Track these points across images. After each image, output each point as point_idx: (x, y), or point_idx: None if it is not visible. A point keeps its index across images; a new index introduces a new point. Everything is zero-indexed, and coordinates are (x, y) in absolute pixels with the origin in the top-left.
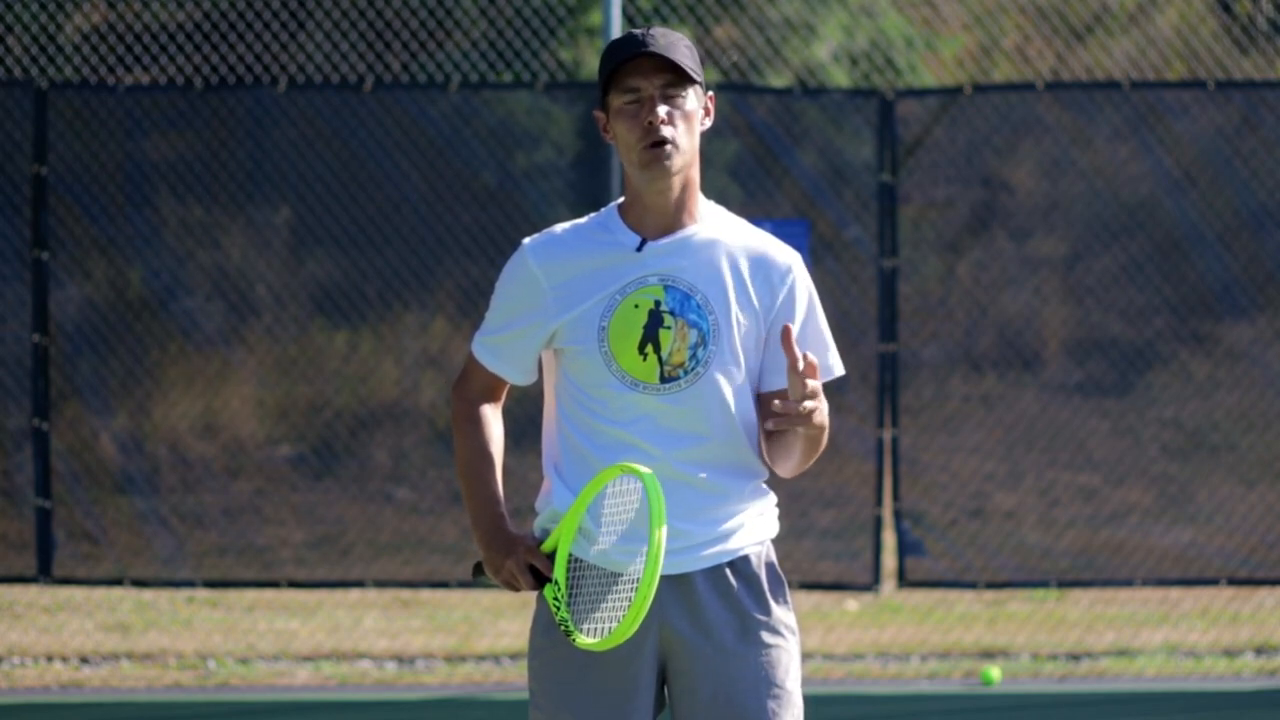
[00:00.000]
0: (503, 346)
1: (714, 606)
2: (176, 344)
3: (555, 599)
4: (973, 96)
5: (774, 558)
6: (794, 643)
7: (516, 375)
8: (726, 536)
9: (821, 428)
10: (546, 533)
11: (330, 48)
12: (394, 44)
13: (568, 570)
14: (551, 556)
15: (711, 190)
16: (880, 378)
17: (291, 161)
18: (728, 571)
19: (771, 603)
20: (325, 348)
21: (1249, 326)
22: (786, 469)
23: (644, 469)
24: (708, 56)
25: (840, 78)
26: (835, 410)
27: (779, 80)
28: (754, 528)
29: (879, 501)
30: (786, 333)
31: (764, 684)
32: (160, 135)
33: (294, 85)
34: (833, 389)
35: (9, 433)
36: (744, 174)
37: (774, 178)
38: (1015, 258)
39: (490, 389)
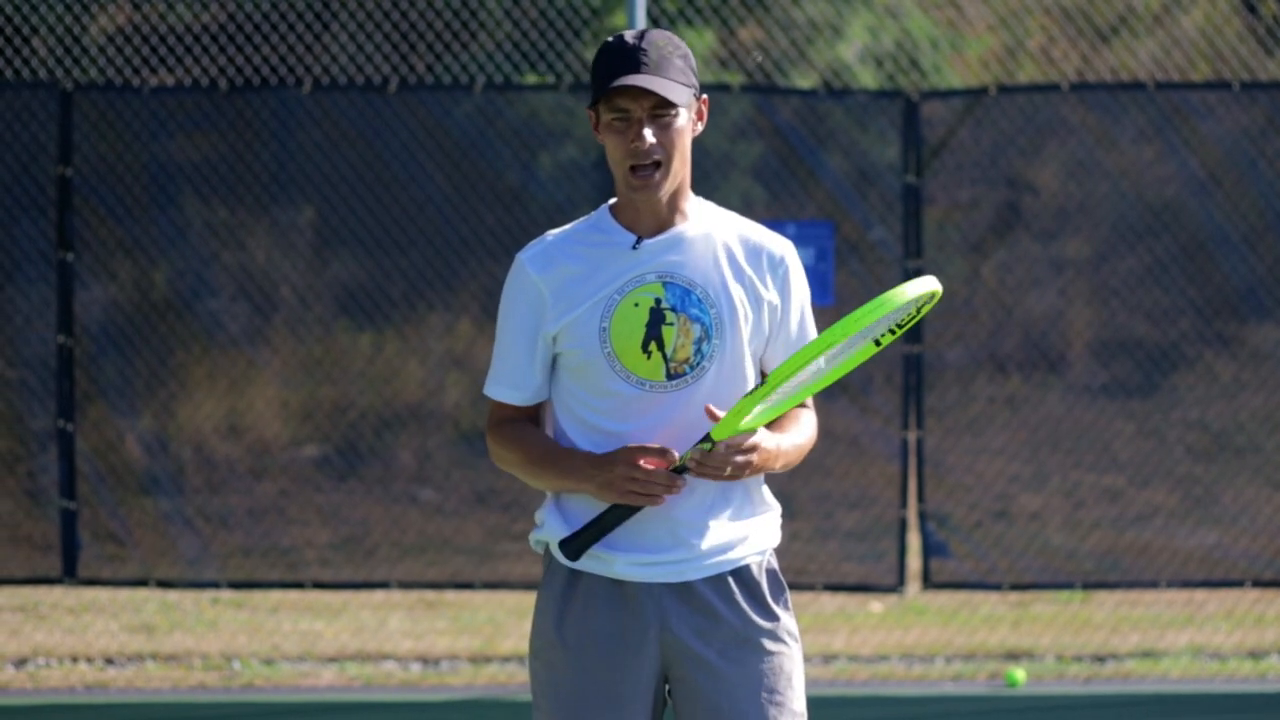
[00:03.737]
0: (519, 371)
1: (717, 614)
2: (201, 345)
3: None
4: (998, 97)
5: (775, 564)
6: (796, 649)
7: (537, 394)
8: (730, 545)
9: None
10: (541, 544)
11: (355, 49)
12: (419, 45)
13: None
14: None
15: (735, 191)
16: (905, 379)
17: (316, 163)
18: (730, 579)
19: (774, 609)
20: (350, 348)
21: (1274, 328)
22: None
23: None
24: (732, 58)
25: (865, 79)
26: (860, 412)
27: (804, 81)
28: (757, 537)
29: (904, 503)
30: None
31: (766, 691)
32: (185, 136)
33: (318, 87)
34: (858, 390)
35: (34, 434)
36: (769, 175)
37: (799, 179)
38: (1040, 259)
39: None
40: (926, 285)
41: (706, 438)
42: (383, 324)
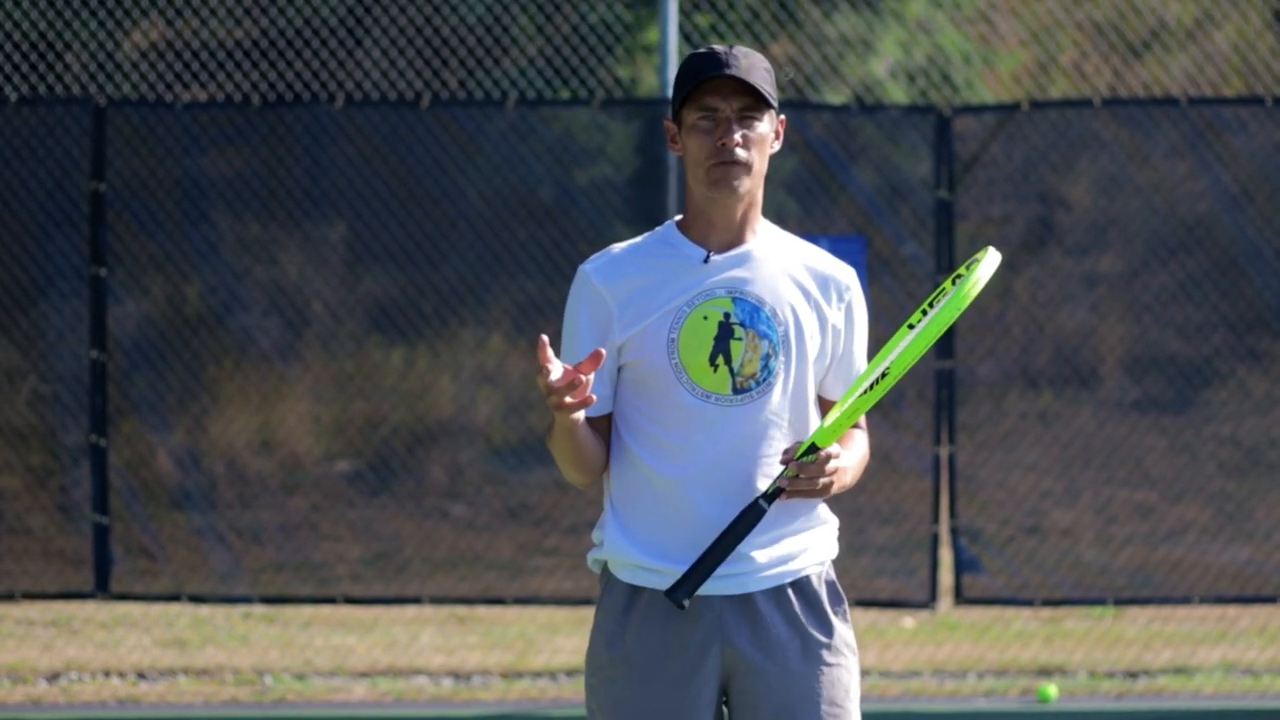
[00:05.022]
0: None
1: (776, 626)
2: (233, 360)
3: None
4: (1030, 113)
5: (834, 576)
6: (854, 661)
7: (603, 404)
8: (789, 558)
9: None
10: (599, 563)
11: (387, 64)
12: (451, 61)
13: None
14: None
15: (769, 206)
16: (937, 394)
17: (348, 178)
18: (790, 591)
19: (833, 622)
20: (382, 364)
21: None
22: None
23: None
24: None
25: (897, 94)
26: (893, 427)
27: (836, 97)
28: (816, 549)
29: (935, 518)
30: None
31: (825, 703)
32: (218, 152)
33: (351, 102)
34: (889, 405)
35: (67, 449)
36: (801, 190)
37: (831, 194)
38: (1072, 274)
39: None
40: (992, 263)
41: (812, 448)
42: (415, 339)
